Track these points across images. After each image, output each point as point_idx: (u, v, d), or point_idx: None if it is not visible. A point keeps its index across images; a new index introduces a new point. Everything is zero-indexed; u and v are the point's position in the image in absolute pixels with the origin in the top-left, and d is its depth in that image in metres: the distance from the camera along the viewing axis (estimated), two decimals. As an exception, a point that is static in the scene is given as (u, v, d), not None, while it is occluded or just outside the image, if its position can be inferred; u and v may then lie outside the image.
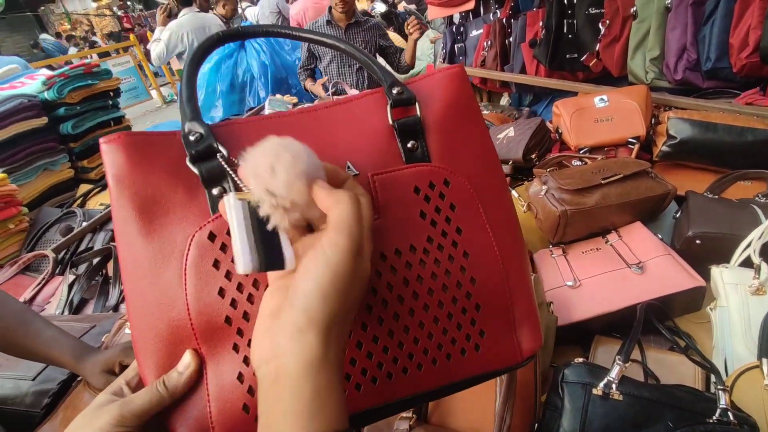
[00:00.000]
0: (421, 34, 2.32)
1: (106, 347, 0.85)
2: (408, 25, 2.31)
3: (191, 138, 0.35)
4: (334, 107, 0.40)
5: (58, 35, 11.36)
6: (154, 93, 7.13)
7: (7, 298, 0.80)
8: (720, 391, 0.62)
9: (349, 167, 0.37)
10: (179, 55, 3.18)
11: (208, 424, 0.34)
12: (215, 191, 0.35)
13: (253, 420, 0.30)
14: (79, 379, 0.82)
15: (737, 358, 0.74)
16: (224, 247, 0.34)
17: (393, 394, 0.37)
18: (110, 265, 1.22)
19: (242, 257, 0.29)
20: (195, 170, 0.35)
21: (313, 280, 0.28)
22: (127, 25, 12.05)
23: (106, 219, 1.45)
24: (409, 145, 0.39)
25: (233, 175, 0.34)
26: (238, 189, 0.33)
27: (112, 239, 1.39)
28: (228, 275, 0.34)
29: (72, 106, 1.81)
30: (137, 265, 0.35)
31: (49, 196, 1.78)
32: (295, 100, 2.43)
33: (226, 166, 0.34)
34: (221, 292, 0.34)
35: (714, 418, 0.59)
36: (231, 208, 0.30)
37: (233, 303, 0.34)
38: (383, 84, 0.40)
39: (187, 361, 0.34)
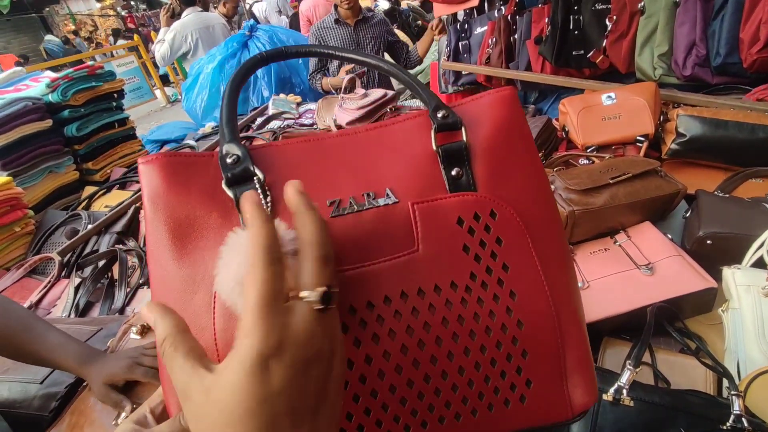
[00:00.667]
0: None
1: (112, 351, 0.85)
2: (434, 27, 2.44)
3: (228, 160, 0.34)
4: (374, 130, 0.39)
5: (75, 33, 11.45)
6: (158, 93, 7.16)
7: (10, 304, 0.80)
8: (733, 396, 0.61)
9: (388, 194, 0.35)
10: (183, 56, 3.19)
11: None
12: None
13: None
14: (85, 384, 0.82)
15: (750, 362, 0.72)
16: None
17: None
18: (116, 268, 1.22)
19: None
20: (230, 194, 0.34)
21: None
22: (131, 25, 12.09)
23: (112, 221, 1.45)
24: (453, 173, 0.36)
25: (264, 201, 0.33)
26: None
27: (118, 242, 1.39)
28: None
29: (76, 108, 1.81)
30: (168, 290, 0.34)
31: (55, 198, 1.78)
32: (298, 99, 2.42)
33: (260, 191, 0.34)
34: None
35: (728, 424, 0.58)
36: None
37: None
38: (427, 107, 0.38)
39: None
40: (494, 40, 2.13)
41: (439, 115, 0.37)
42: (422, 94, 0.39)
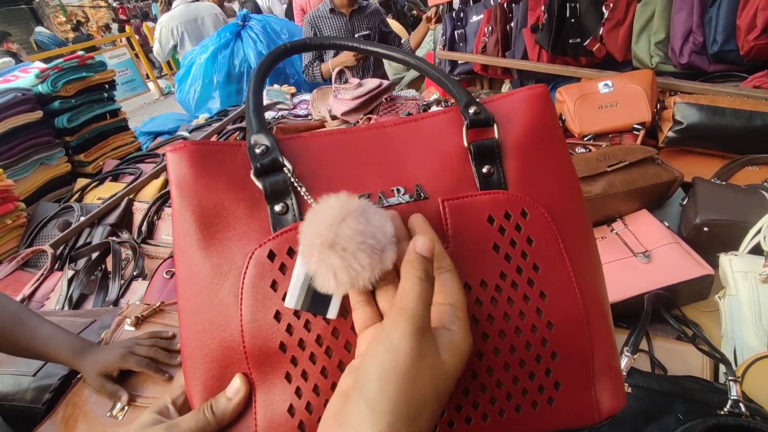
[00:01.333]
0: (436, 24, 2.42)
1: (106, 343, 0.84)
2: (430, 16, 2.41)
3: (257, 150, 0.34)
4: (404, 125, 0.38)
5: (80, 24, 11.27)
6: (151, 85, 7.09)
7: (1, 298, 0.79)
8: (731, 382, 0.61)
9: (418, 190, 0.35)
10: (173, 48, 3.16)
11: None
12: (278, 207, 0.34)
13: None
14: (79, 375, 0.81)
15: (747, 348, 0.72)
16: (283, 268, 0.33)
17: None
18: (109, 260, 1.21)
19: (290, 291, 0.30)
20: (259, 184, 0.34)
21: (375, 363, 0.26)
22: (122, 17, 11.92)
23: (104, 213, 1.43)
24: (484, 170, 0.36)
25: (301, 191, 0.34)
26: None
27: (111, 234, 1.37)
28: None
29: (67, 99, 1.78)
30: (193, 280, 0.34)
31: (46, 191, 1.77)
32: (293, 90, 2.40)
33: (293, 180, 0.34)
34: (277, 316, 0.32)
35: (725, 409, 0.58)
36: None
37: (289, 329, 0.32)
38: (458, 102, 0.38)
39: (236, 387, 0.32)
40: (490, 28, 2.12)
41: (471, 111, 0.37)
42: (453, 90, 0.38)
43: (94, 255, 1.23)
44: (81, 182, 1.78)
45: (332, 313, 0.31)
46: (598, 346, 0.36)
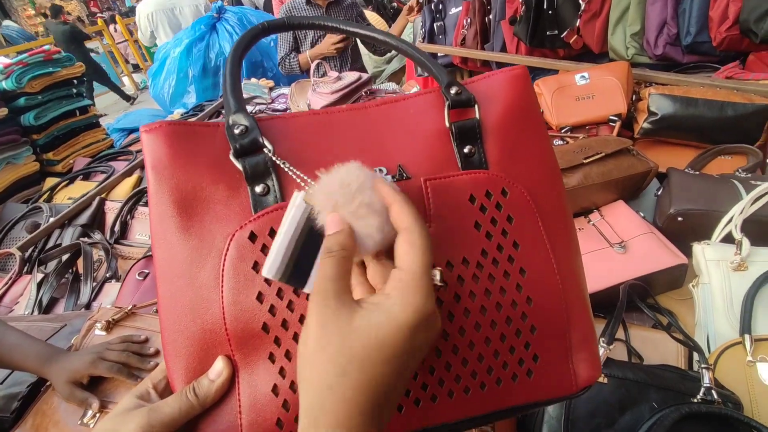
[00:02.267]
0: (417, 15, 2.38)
1: (76, 349, 0.81)
2: (412, 6, 2.37)
3: (236, 131, 0.33)
4: (384, 106, 0.38)
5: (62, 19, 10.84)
6: (126, 80, 6.90)
7: None
8: (703, 370, 0.62)
9: (400, 170, 0.35)
10: (152, 36, 3.11)
11: None
12: (258, 189, 0.33)
13: None
14: (48, 383, 0.78)
15: (720, 335, 0.74)
16: (265, 249, 0.32)
17: (436, 418, 0.34)
18: (80, 262, 1.17)
19: (271, 261, 0.29)
20: (238, 165, 0.33)
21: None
22: (94, 10, 11.56)
23: (75, 213, 1.39)
24: (465, 150, 0.36)
25: (295, 174, 0.33)
26: (297, 189, 0.33)
27: (82, 235, 1.33)
28: (268, 279, 0.32)
29: (33, 96, 1.73)
30: (173, 264, 0.33)
31: (14, 191, 1.72)
32: (271, 83, 2.35)
33: (276, 159, 0.33)
34: (259, 297, 0.32)
35: (698, 397, 0.59)
36: (293, 207, 0.29)
37: (272, 310, 0.32)
38: (439, 83, 0.38)
39: (219, 368, 0.32)
40: (469, 20, 2.11)
41: (452, 91, 0.37)
42: (433, 70, 0.38)
43: (65, 257, 1.19)
44: (50, 182, 1.72)
45: (309, 287, 0.30)
46: (575, 319, 0.37)
